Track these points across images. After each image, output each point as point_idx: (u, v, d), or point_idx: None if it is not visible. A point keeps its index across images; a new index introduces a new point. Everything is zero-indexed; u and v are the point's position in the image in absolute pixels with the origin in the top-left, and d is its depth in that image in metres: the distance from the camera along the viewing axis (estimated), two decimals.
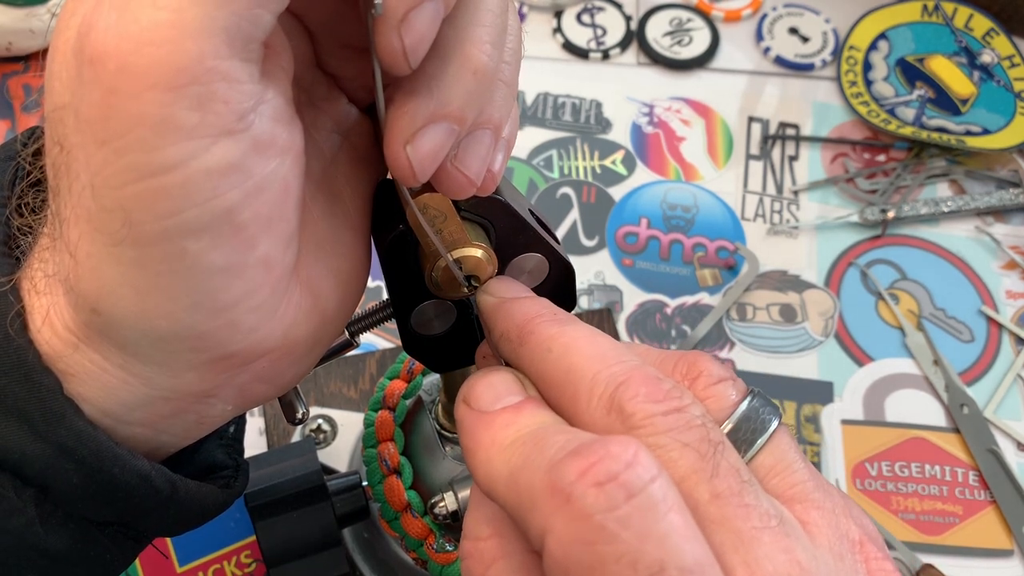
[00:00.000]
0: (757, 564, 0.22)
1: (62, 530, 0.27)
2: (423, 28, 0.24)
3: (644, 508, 0.21)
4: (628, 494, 0.21)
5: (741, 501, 0.23)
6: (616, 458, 0.21)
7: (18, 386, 0.26)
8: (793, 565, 0.22)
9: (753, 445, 0.25)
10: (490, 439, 0.25)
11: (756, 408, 0.26)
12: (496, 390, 0.26)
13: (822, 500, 0.25)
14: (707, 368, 0.27)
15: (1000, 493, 0.60)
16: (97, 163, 0.23)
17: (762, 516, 0.23)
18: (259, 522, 0.42)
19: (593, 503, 0.21)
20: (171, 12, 0.22)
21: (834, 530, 0.24)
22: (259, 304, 0.26)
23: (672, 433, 0.24)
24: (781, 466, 0.25)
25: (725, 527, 0.23)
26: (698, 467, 0.23)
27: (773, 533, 0.23)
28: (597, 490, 0.21)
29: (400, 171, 0.26)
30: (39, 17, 0.71)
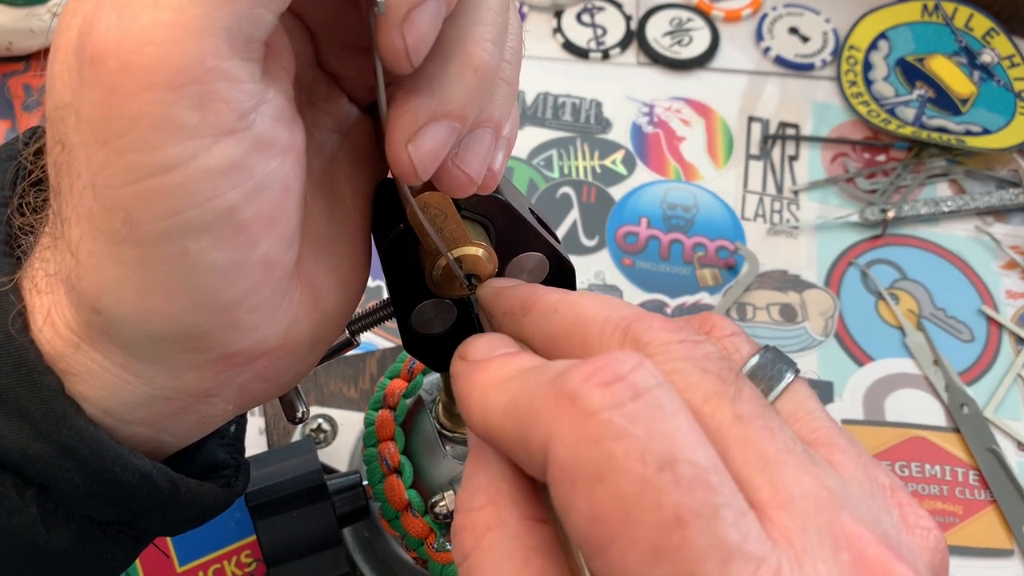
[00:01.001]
0: (783, 485, 0.21)
1: (64, 529, 0.27)
2: (425, 27, 0.24)
3: (651, 406, 0.20)
4: (635, 393, 0.20)
5: (765, 424, 0.22)
6: (622, 362, 0.21)
7: (19, 386, 0.26)
8: (821, 488, 0.21)
9: (772, 392, 0.24)
10: (486, 378, 0.24)
11: (771, 359, 0.25)
12: (492, 343, 0.26)
13: (847, 446, 0.24)
14: (719, 322, 0.26)
15: (1000, 493, 0.60)
16: (98, 162, 0.23)
17: (787, 440, 0.22)
18: (259, 521, 0.42)
19: (599, 401, 0.20)
20: (172, 11, 0.22)
21: (863, 471, 0.23)
22: (260, 303, 0.26)
23: (691, 359, 0.23)
24: (801, 412, 0.24)
25: (750, 448, 0.21)
26: (720, 390, 0.22)
27: (799, 458, 0.22)
28: (603, 389, 0.20)
29: (401, 169, 0.26)
30: (39, 17, 0.71)
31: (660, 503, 0.19)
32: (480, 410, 0.24)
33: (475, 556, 0.23)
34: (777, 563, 0.19)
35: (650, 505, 0.19)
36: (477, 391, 0.24)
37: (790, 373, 0.25)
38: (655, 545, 0.19)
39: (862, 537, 0.20)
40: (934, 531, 0.23)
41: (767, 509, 0.21)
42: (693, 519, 0.19)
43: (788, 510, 0.20)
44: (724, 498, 0.19)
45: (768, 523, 0.20)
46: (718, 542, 0.19)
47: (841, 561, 0.20)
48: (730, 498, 0.20)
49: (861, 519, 0.21)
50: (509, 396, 0.23)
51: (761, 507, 0.21)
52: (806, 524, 0.20)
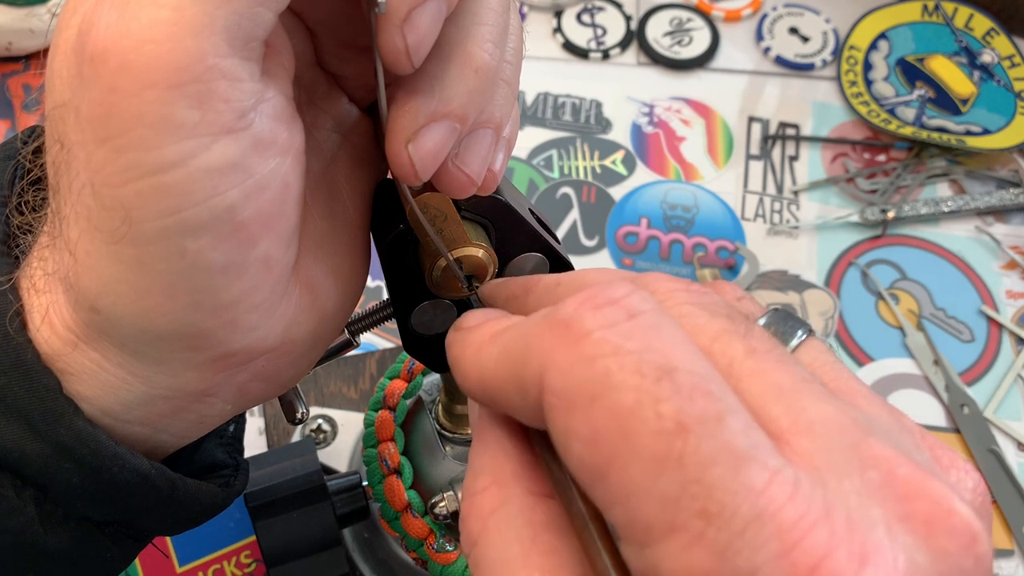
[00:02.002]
0: (803, 412, 0.19)
1: (62, 529, 0.27)
2: (426, 27, 0.24)
3: (646, 325, 0.19)
4: (629, 313, 0.19)
5: (779, 357, 0.21)
6: (615, 287, 0.20)
7: (17, 385, 0.26)
8: (844, 415, 0.19)
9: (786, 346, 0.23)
10: (480, 335, 0.23)
11: (782, 317, 0.23)
12: (486, 314, 0.25)
13: (870, 395, 0.22)
14: (728, 287, 0.25)
15: (1000, 493, 0.60)
16: (97, 161, 0.23)
17: (803, 373, 0.20)
18: (259, 522, 0.42)
19: (592, 321, 0.19)
20: (172, 10, 0.22)
21: (889, 415, 0.21)
22: (259, 303, 0.26)
23: (698, 305, 0.22)
24: (819, 363, 0.23)
25: (764, 379, 0.20)
26: (729, 328, 0.21)
27: (816, 388, 0.20)
28: (596, 311, 0.19)
29: (401, 170, 0.26)
30: (39, 17, 0.71)
31: (660, 412, 0.18)
32: (474, 365, 0.23)
33: (482, 540, 0.22)
34: (795, 476, 0.18)
35: (649, 415, 0.18)
36: (470, 349, 0.23)
37: (802, 331, 0.23)
38: (658, 455, 0.18)
39: (892, 458, 0.19)
40: (972, 473, 0.21)
41: (786, 435, 0.19)
42: (696, 424, 0.18)
43: (808, 435, 0.19)
44: (728, 406, 0.18)
45: (787, 448, 0.19)
46: (725, 447, 0.18)
47: (869, 479, 0.18)
48: (735, 407, 0.18)
49: (890, 444, 0.19)
50: (501, 344, 0.22)
51: (780, 435, 0.19)
52: (830, 446, 0.19)
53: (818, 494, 0.18)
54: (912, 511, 0.18)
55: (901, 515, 0.18)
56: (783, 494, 0.17)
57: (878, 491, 0.18)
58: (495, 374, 0.22)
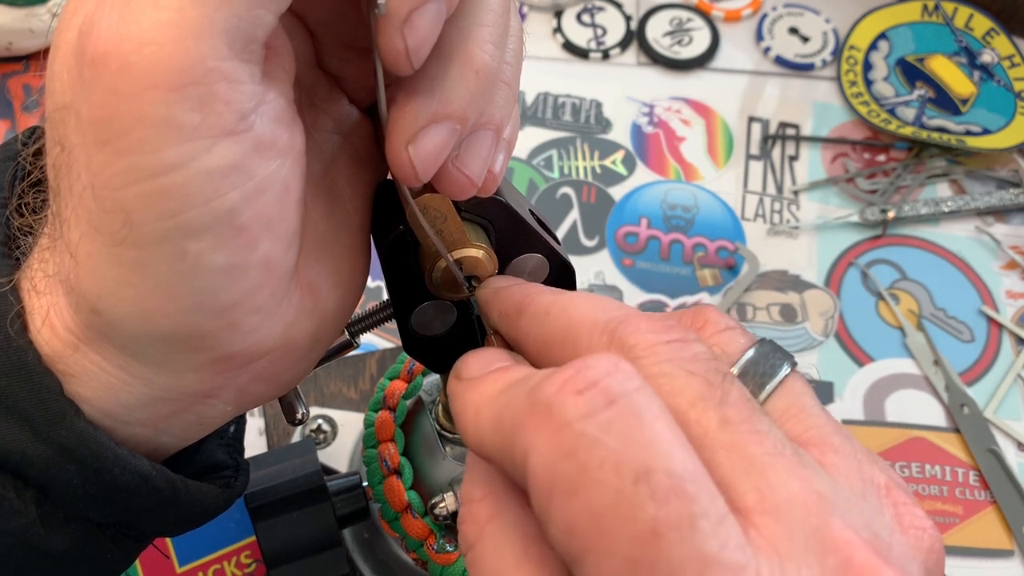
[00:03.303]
0: (771, 490, 0.20)
1: (63, 531, 0.27)
2: (426, 28, 0.24)
3: (626, 413, 0.20)
4: (608, 400, 0.20)
5: (752, 427, 0.21)
6: (595, 367, 0.20)
7: (18, 387, 0.26)
8: (810, 492, 0.20)
9: (764, 389, 0.23)
10: (479, 394, 0.24)
11: (766, 353, 0.24)
12: (486, 359, 0.26)
13: (842, 444, 0.23)
14: (713, 317, 0.25)
15: (1000, 493, 0.60)
16: (98, 164, 0.23)
17: (775, 443, 0.21)
18: (259, 522, 0.42)
19: (572, 410, 0.20)
20: (172, 12, 0.22)
21: (856, 472, 0.22)
22: (260, 305, 0.26)
23: (677, 361, 0.22)
24: (795, 409, 0.23)
25: (736, 453, 0.21)
26: (706, 393, 0.22)
27: (788, 461, 0.21)
28: (576, 397, 0.20)
29: (402, 171, 0.26)
30: (39, 17, 0.71)
31: (635, 516, 0.19)
32: (473, 427, 0.24)
33: (478, 546, 0.23)
34: (757, 570, 0.19)
35: (625, 518, 0.19)
36: (470, 410, 0.24)
37: (785, 367, 0.24)
38: (630, 558, 0.19)
39: (850, 543, 0.20)
40: (929, 531, 0.22)
41: (752, 515, 0.20)
42: (669, 531, 0.19)
43: (774, 516, 0.20)
44: (701, 507, 0.19)
45: (753, 530, 0.20)
46: (695, 553, 0.19)
47: (827, 567, 0.20)
48: (708, 507, 0.19)
49: (851, 524, 0.20)
50: (496, 411, 0.23)
51: (747, 513, 0.20)
52: (792, 530, 0.20)
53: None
54: None
55: None
56: None
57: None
58: (491, 443, 0.23)
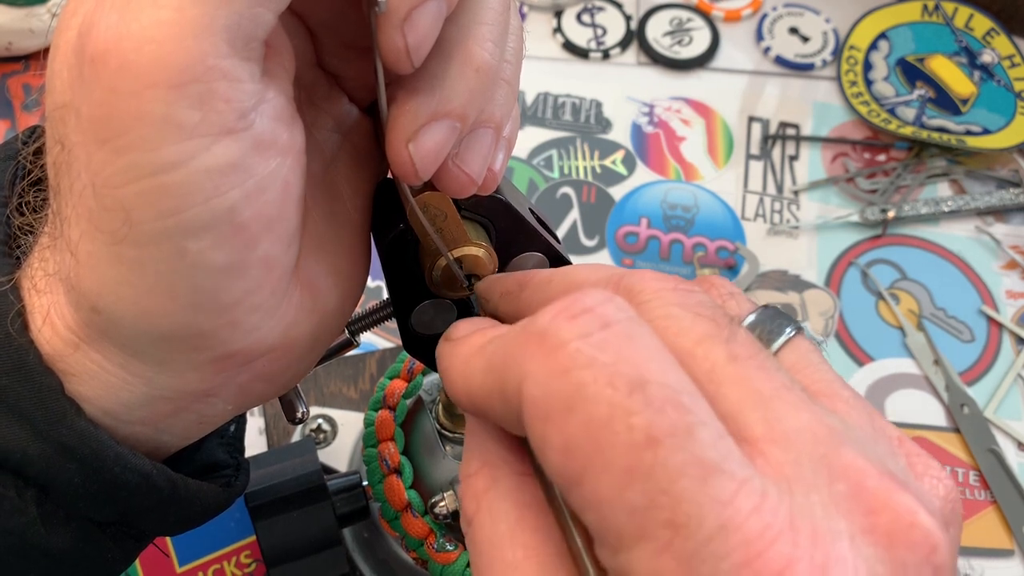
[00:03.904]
0: (778, 420, 0.20)
1: (63, 530, 0.27)
2: (426, 26, 0.24)
3: (620, 335, 0.20)
4: (603, 323, 0.20)
5: (761, 364, 0.21)
6: (590, 295, 0.20)
7: (19, 386, 0.26)
8: (820, 424, 0.20)
9: (771, 345, 0.23)
10: (468, 347, 0.24)
11: (771, 315, 0.24)
12: (475, 324, 0.26)
13: (852, 397, 0.22)
14: (718, 282, 0.25)
15: (1000, 493, 0.60)
16: (98, 162, 0.23)
17: (784, 380, 0.21)
18: (259, 522, 0.42)
19: (567, 332, 0.20)
20: (172, 10, 0.22)
21: (868, 421, 0.22)
22: (260, 303, 0.26)
23: (683, 305, 0.22)
24: (803, 363, 0.23)
25: (744, 386, 0.20)
26: (713, 332, 0.21)
27: (797, 396, 0.20)
28: (571, 321, 0.20)
29: (402, 169, 0.26)
30: (39, 17, 0.71)
31: (631, 424, 0.18)
32: (462, 377, 0.24)
33: (476, 519, 0.23)
34: (762, 486, 0.18)
35: (620, 428, 0.18)
36: (458, 361, 0.24)
37: (790, 328, 0.24)
38: (627, 466, 0.18)
39: (862, 469, 0.19)
40: (945, 480, 0.22)
41: (760, 444, 0.20)
42: (666, 437, 0.18)
43: (782, 444, 0.19)
44: (699, 418, 0.19)
45: (760, 458, 0.19)
46: (694, 459, 0.18)
47: (837, 491, 0.19)
48: (706, 419, 0.19)
49: (863, 454, 0.20)
50: (486, 356, 0.23)
51: (754, 442, 0.20)
52: (800, 457, 0.19)
53: (784, 505, 0.18)
54: (875, 523, 0.19)
55: (865, 527, 0.19)
56: (749, 505, 0.18)
57: (845, 503, 0.19)
58: (481, 386, 0.23)
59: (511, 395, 0.21)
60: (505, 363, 0.21)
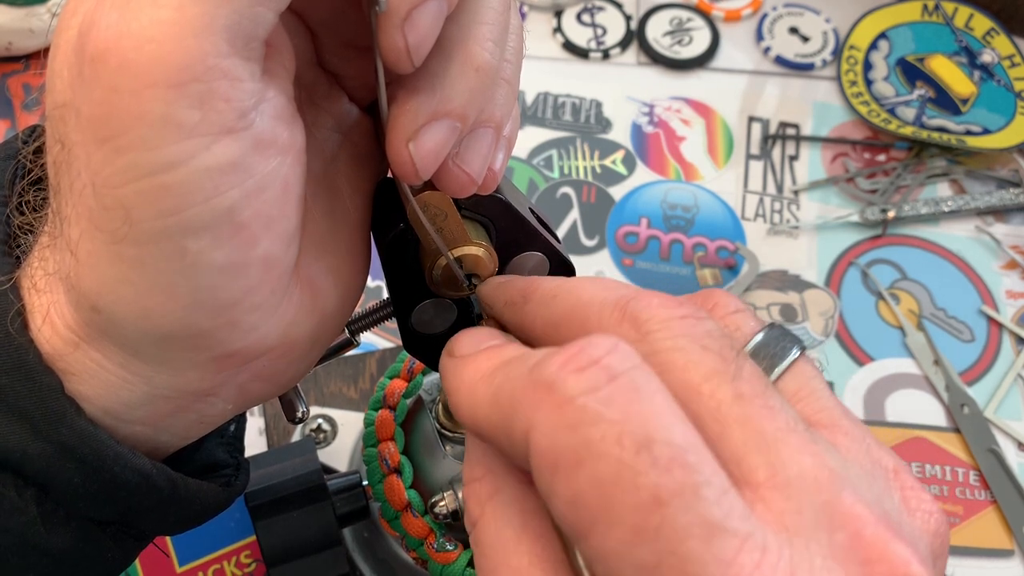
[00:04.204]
0: (782, 465, 0.20)
1: (63, 529, 0.27)
2: (426, 26, 0.24)
3: (627, 389, 0.20)
4: (610, 376, 0.20)
5: (765, 403, 0.21)
6: (597, 346, 0.21)
7: (19, 385, 0.26)
8: (821, 468, 0.21)
9: (774, 371, 0.24)
10: (473, 371, 0.24)
11: (776, 337, 0.24)
12: (478, 337, 0.26)
13: (851, 427, 0.23)
14: (722, 300, 0.25)
15: (1001, 493, 0.60)
16: (98, 161, 0.23)
17: (788, 420, 0.21)
18: (259, 522, 0.42)
19: (574, 386, 0.20)
20: (172, 10, 0.22)
21: (866, 454, 0.23)
22: (259, 303, 0.26)
23: (690, 336, 0.22)
24: (805, 391, 0.24)
25: (748, 427, 0.21)
26: (720, 368, 0.22)
27: (800, 438, 0.21)
28: (578, 375, 0.20)
29: (402, 168, 0.26)
30: (39, 17, 0.71)
31: (638, 484, 0.19)
32: (468, 404, 0.24)
33: (480, 524, 0.23)
34: (764, 541, 0.19)
35: (628, 487, 0.19)
36: (464, 386, 0.24)
37: (795, 350, 0.24)
38: (635, 526, 0.19)
39: (860, 517, 0.20)
40: (936, 515, 0.22)
41: (762, 490, 0.20)
42: (672, 498, 0.19)
43: (784, 491, 0.20)
44: (704, 476, 0.19)
45: (761, 504, 0.20)
46: (700, 519, 0.19)
47: (836, 541, 0.20)
48: (711, 476, 0.19)
49: (861, 499, 0.21)
50: (493, 388, 0.23)
51: (756, 487, 0.20)
52: (802, 505, 0.20)
53: (784, 559, 0.19)
54: (871, 573, 0.20)
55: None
56: (751, 562, 0.19)
57: (843, 553, 0.20)
58: (487, 420, 0.23)
59: (517, 438, 0.21)
60: (512, 406, 0.21)
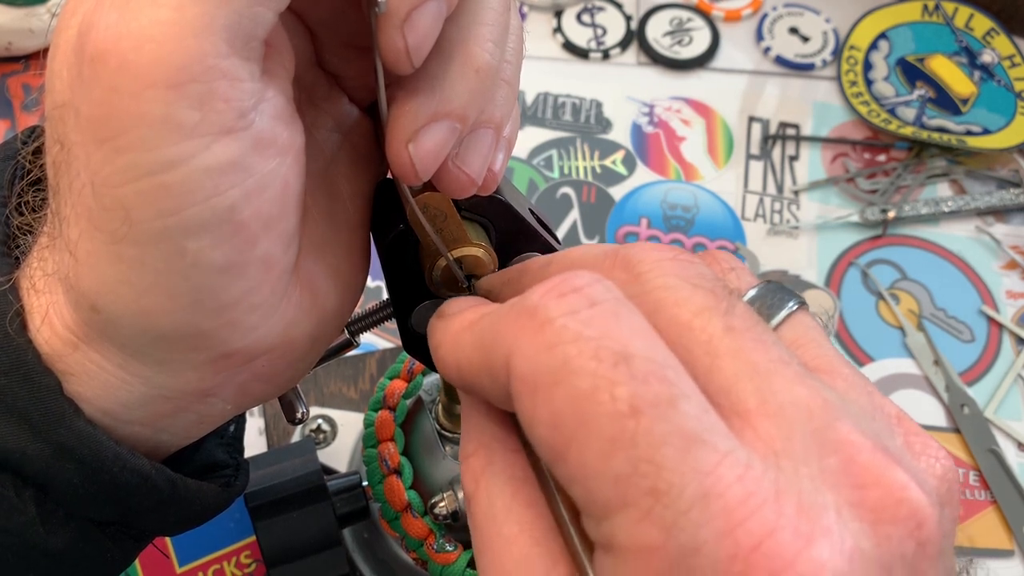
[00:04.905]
0: (772, 393, 0.20)
1: (63, 529, 0.27)
2: (426, 27, 0.24)
3: (607, 312, 0.20)
4: (591, 302, 0.20)
5: (758, 336, 0.21)
6: (579, 276, 0.21)
7: (18, 386, 0.26)
8: (815, 397, 0.20)
9: (771, 321, 0.23)
10: (459, 323, 0.24)
11: (773, 290, 0.24)
12: (467, 300, 0.26)
13: (851, 374, 0.22)
14: (721, 256, 0.25)
15: (1000, 493, 0.60)
16: (97, 161, 0.23)
17: (781, 354, 0.21)
18: (259, 522, 0.42)
19: (555, 309, 0.20)
20: (172, 10, 0.22)
21: (867, 398, 0.22)
22: (259, 303, 0.26)
23: (683, 276, 0.22)
24: (804, 339, 0.23)
25: (740, 359, 0.20)
26: (711, 304, 0.21)
27: (793, 370, 0.20)
28: (559, 299, 0.20)
29: (402, 169, 0.26)
30: (39, 17, 0.71)
31: (615, 395, 0.19)
32: (452, 352, 0.24)
33: (475, 497, 0.23)
34: (747, 458, 0.18)
35: (605, 398, 0.19)
36: (449, 337, 0.24)
37: (793, 302, 0.23)
38: (611, 436, 0.18)
39: (856, 444, 0.19)
40: (943, 460, 0.21)
41: (752, 417, 0.20)
42: (649, 408, 0.18)
43: (774, 418, 0.19)
44: (681, 391, 0.19)
45: (750, 431, 0.19)
46: (676, 429, 0.18)
47: (827, 465, 0.19)
48: (690, 392, 0.19)
49: (857, 428, 0.20)
50: (477, 331, 0.23)
51: (746, 415, 0.20)
52: (792, 431, 0.19)
53: (770, 477, 0.18)
54: (864, 497, 0.19)
55: (853, 501, 0.19)
56: (731, 475, 0.18)
57: (834, 477, 0.19)
58: (470, 362, 0.23)
59: (499, 370, 0.21)
60: (494, 339, 0.21)
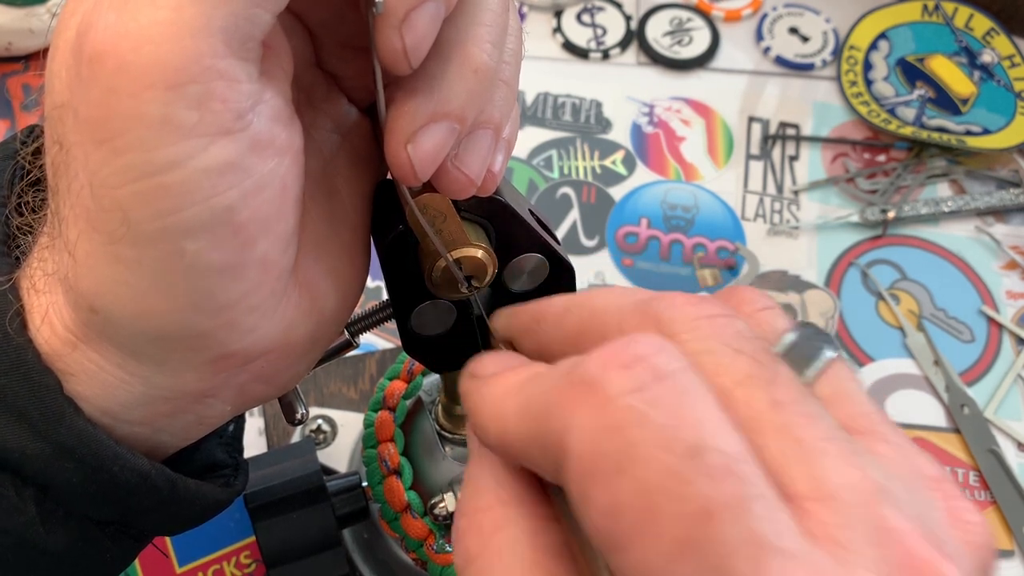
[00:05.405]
0: (824, 476, 0.19)
1: (62, 529, 0.27)
2: (424, 27, 0.24)
3: (675, 391, 0.18)
4: (656, 376, 0.19)
5: (804, 410, 0.20)
6: (641, 343, 0.19)
7: (17, 385, 0.26)
8: (865, 480, 0.19)
9: (807, 373, 0.22)
10: (499, 388, 0.23)
11: (808, 336, 0.22)
12: (502, 359, 0.25)
13: (891, 434, 0.21)
14: (748, 296, 0.24)
15: (1000, 493, 0.60)
16: (96, 162, 0.23)
17: (828, 428, 0.20)
18: (259, 522, 0.42)
19: (619, 385, 0.19)
20: (170, 11, 0.22)
21: (907, 463, 0.21)
22: (258, 304, 0.26)
23: (721, 338, 0.21)
24: (841, 395, 0.22)
25: (787, 436, 0.19)
26: (755, 372, 0.20)
27: (841, 447, 0.20)
28: (622, 372, 0.19)
29: (401, 170, 0.26)
30: (39, 17, 0.71)
31: (686, 494, 0.17)
32: (495, 418, 0.22)
33: (483, 559, 0.21)
34: (815, 561, 0.18)
35: (675, 496, 0.17)
36: (489, 401, 0.23)
37: (829, 351, 0.22)
38: (680, 539, 0.17)
39: (909, 534, 0.19)
40: (981, 527, 0.21)
41: (805, 502, 0.19)
42: (722, 511, 0.17)
43: (828, 504, 0.19)
44: (756, 490, 0.18)
45: (806, 518, 0.19)
46: (749, 536, 0.17)
47: (886, 559, 0.18)
48: (763, 490, 0.18)
49: (907, 514, 0.19)
50: (523, 399, 0.21)
51: (798, 500, 0.19)
52: (849, 519, 0.19)
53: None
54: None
55: None
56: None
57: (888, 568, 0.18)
58: (516, 431, 0.21)
59: (552, 446, 0.20)
60: (547, 410, 0.20)
